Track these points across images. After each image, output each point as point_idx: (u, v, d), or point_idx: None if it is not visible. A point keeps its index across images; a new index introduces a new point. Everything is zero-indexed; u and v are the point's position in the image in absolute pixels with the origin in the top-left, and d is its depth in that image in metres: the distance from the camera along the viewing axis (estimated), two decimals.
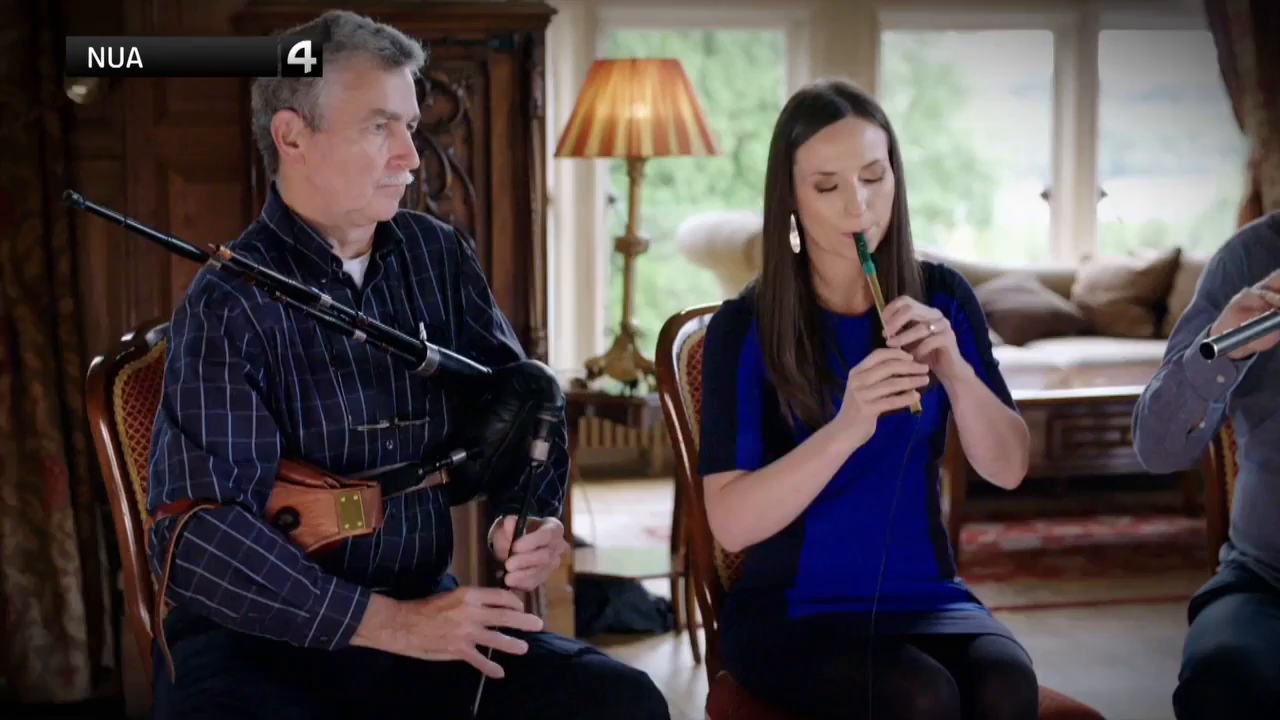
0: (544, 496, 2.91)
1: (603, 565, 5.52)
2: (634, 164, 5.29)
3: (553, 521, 2.84)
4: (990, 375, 2.99)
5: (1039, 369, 7.36)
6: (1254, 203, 8.49)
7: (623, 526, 6.99)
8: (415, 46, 2.80)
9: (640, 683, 2.73)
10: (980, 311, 3.04)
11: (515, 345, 2.98)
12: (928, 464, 3.02)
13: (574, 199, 7.94)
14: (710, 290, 9.34)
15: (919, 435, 2.97)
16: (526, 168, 4.49)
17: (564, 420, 2.95)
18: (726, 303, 3.03)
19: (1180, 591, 6.02)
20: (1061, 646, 5.37)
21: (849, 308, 3.00)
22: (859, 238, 2.86)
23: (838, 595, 2.96)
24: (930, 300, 2.96)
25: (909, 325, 2.80)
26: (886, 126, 2.92)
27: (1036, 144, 9.18)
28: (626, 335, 5.34)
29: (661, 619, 5.55)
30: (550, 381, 2.84)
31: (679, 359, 3.22)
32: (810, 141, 2.89)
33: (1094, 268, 8.12)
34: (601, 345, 8.07)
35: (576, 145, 5.25)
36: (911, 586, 2.99)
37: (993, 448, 2.95)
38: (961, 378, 2.88)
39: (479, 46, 4.42)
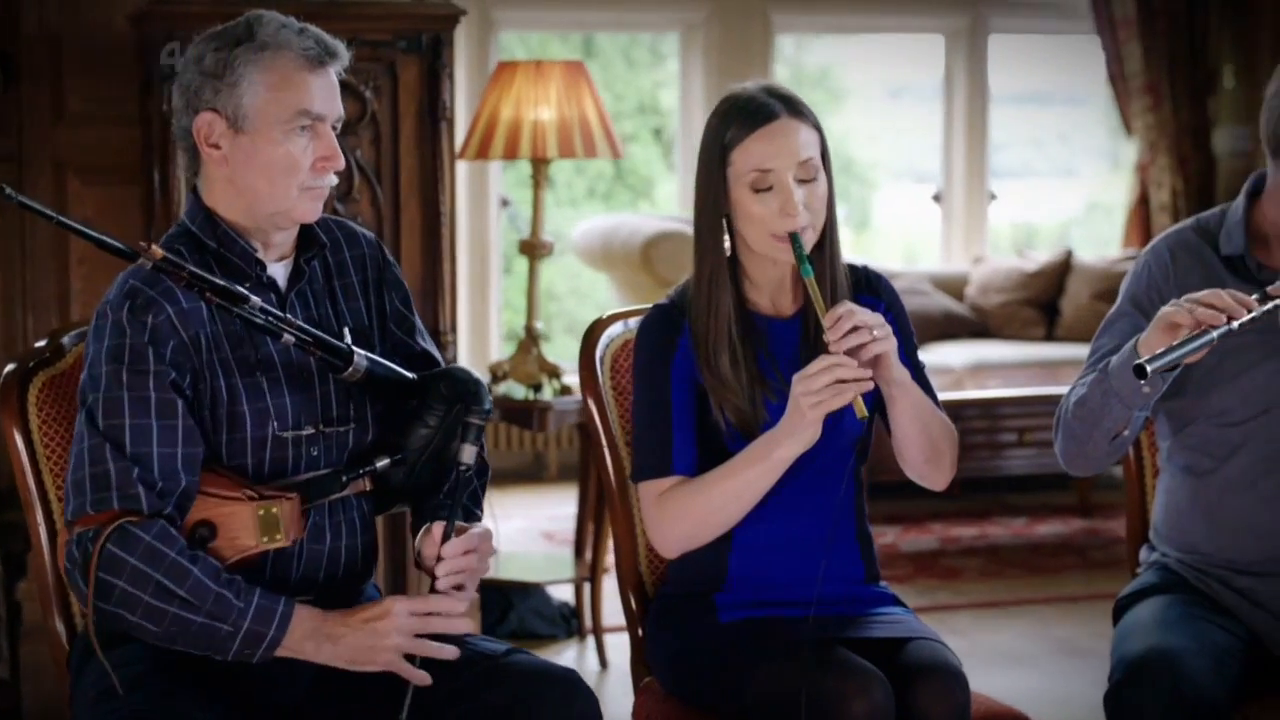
0: (466, 504, 2.87)
1: (505, 571, 5.48)
2: (538, 167, 5.26)
3: (481, 525, 2.81)
4: (919, 378, 2.99)
5: (933, 371, 7.28)
6: (1141, 205, 8.61)
7: (520, 531, 6.95)
8: (340, 46, 2.76)
9: (570, 681, 2.70)
10: (906, 314, 3.04)
11: (436, 352, 2.95)
12: (854, 468, 3.01)
13: (467, 202, 7.89)
14: (593, 293, 9.33)
15: (847, 439, 2.97)
16: (435, 170, 4.44)
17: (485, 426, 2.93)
18: (656, 306, 3.01)
19: (1079, 592, 6.07)
20: (965, 647, 5.38)
21: (778, 310, 2.99)
22: (795, 239, 2.85)
23: (767, 600, 2.95)
24: (856, 302, 2.95)
25: (853, 330, 2.79)
26: (818, 128, 2.92)
27: (914, 145, 9.25)
28: (530, 339, 5.31)
29: (566, 624, 5.52)
30: (478, 385, 2.80)
31: (603, 363, 3.19)
32: (745, 143, 2.87)
33: (986, 270, 8.17)
34: (496, 349, 8.02)
35: (480, 147, 5.21)
36: (840, 590, 2.98)
37: (926, 450, 2.95)
38: (899, 382, 2.88)
39: (386, 48, 4.38)
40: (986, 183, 8.76)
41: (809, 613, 2.88)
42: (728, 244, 2.94)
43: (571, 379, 5.34)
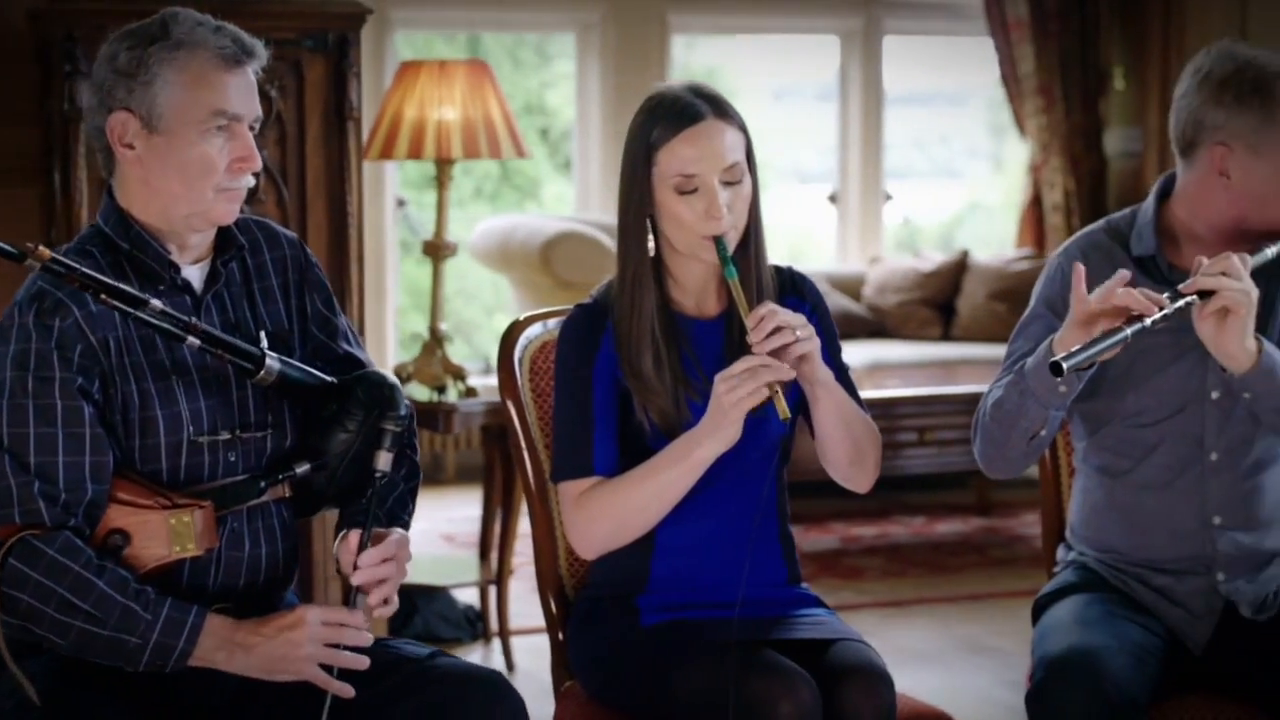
0: (393, 510, 2.84)
1: (410, 574, 5.42)
2: (442, 167, 5.22)
3: (398, 532, 2.78)
4: (843, 379, 2.99)
5: None
6: (1034, 205, 8.68)
7: (420, 533, 6.83)
8: (258, 45, 2.72)
9: (496, 684, 2.69)
10: (829, 316, 3.04)
11: (362, 354, 2.91)
12: (776, 469, 3.01)
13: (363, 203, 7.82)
14: (480, 294, 9.28)
15: (770, 441, 2.96)
16: (342, 170, 4.40)
17: (414, 430, 2.89)
18: (579, 306, 2.99)
19: (981, 590, 6.11)
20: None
21: (701, 311, 2.97)
22: (719, 242, 2.84)
23: (690, 602, 2.93)
24: (781, 303, 2.94)
25: (776, 330, 2.78)
26: (744, 129, 2.90)
27: (805, 146, 9.28)
28: (435, 340, 5.27)
29: (471, 627, 5.49)
30: (393, 390, 2.77)
31: (521, 365, 3.16)
32: (671, 144, 2.85)
33: (882, 270, 8.21)
34: (393, 351, 7.97)
35: (384, 148, 5.17)
36: (763, 592, 2.97)
37: (850, 451, 2.95)
38: (823, 382, 2.88)
39: (292, 46, 4.33)
40: (882, 183, 8.80)
41: (734, 614, 2.88)
42: (651, 244, 2.93)
43: (475, 381, 5.32)
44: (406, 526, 2.86)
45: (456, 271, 9.17)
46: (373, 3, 4.54)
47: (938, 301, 8.02)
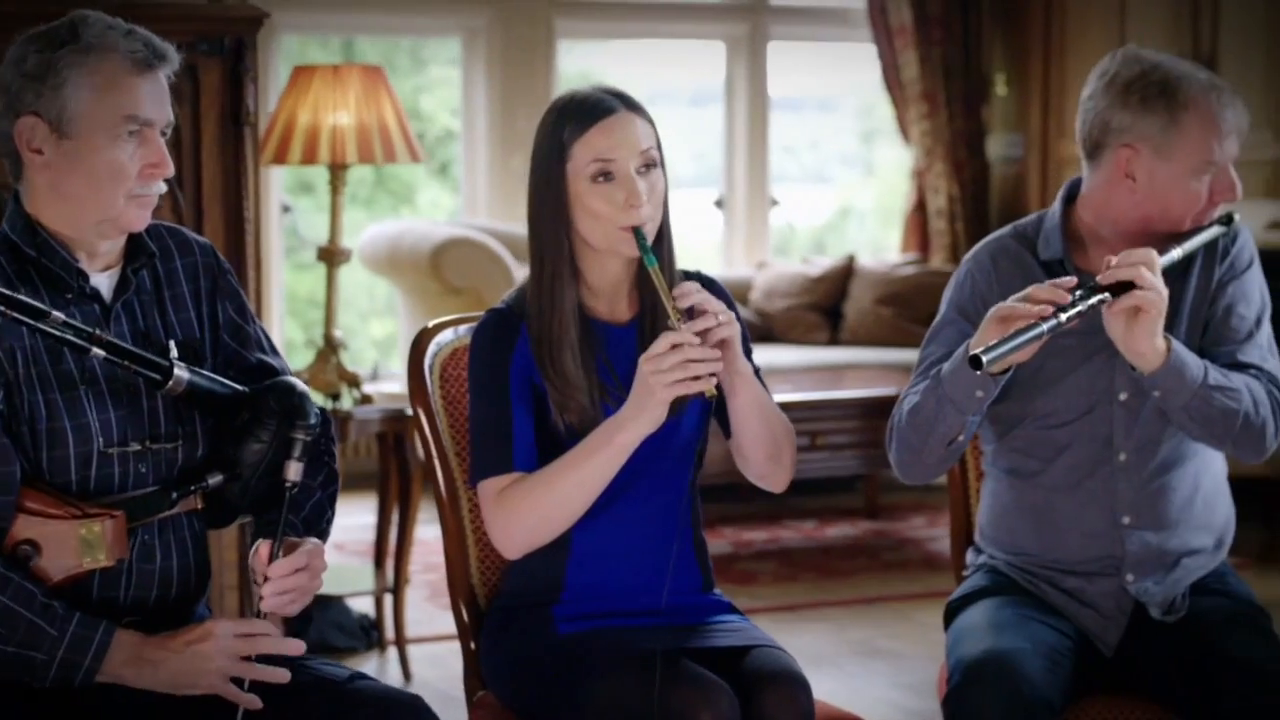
0: (309, 518, 2.80)
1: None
2: (336, 172, 5.18)
3: (311, 542, 2.73)
4: (757, 378, 2.99)
5: None
6: (919, 211, 8.74)
7: None
8: (170, 49, 2.69)
9: (416, 707, 2.67)
10: (743, 319, 3.03)
11: (278, 362, 2.87)
12: (691, 475, 3.00)
13: None
14: (356, 301, 9.21)
15: (684, 445, 2.96)
16: (238, 175, 4.35)
17: (331, 436, 2.86)
18: (492, 310, 2.97)
19: (873, 593, 6.14)
20: None
21: (614, 317, 2.96)
22: (638, 232, 2.83)
23: (606, 610, 2.92)
24: None
25: (699, 314, 2.78)
26: (653, 125, 2.91)
27: (689, 150, 9.29)
28: (330, 347, 5.23)
29: (366, 636, 5.44)
30: (303, 398, 2.74)
31: (431, 371, 3.14)
32: (586, 136, 2.84)
33: (770, 275, 8.24)
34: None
35: (278, 153, 5.12)
36: (678, 599, 2.96)
37: (768, 447, 2.95)
38: (742, 373, 2.88)
39: (187, 50, 4.25)
40: (768, 188, 8.83)
41: (653, 622, 2.87)
42: (566, 245, 2.92)
43: (369, 388, 5.29)
44: (325, 535, 2.82)
45: (323, 279, 9.09)
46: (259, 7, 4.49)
47: (825, 306, 8.06)
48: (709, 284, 3.03)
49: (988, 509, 3.23)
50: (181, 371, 2.64)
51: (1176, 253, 2.99)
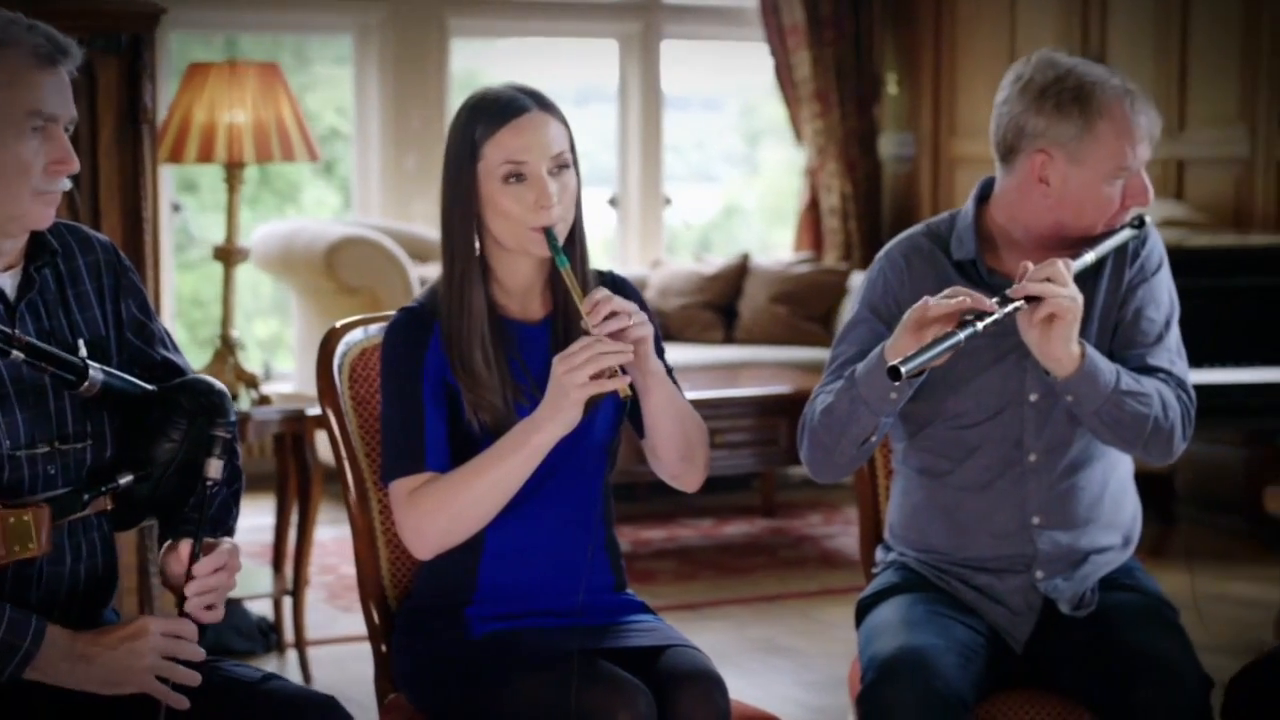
0: (218, 516, 2.77)
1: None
2: (233, 171, 5.12)
3: (229, 541, 2.72)
4: (670, 378, 2.98)
5: None
6: (812, 209, 8.77)
7: None
8: (72, 45, 2.65)
9: (330, 707, 2.65)
10: (655, 320, 3.03)
11: (181, 360, 2.84)
12: (605, 475, 2.99)
13: None
14: (242, 301, 9.10)
15: (598, 445, 2.95)
16: (136, 174, 4.28)
17: (237, 435, 2.83)
18: (404, 309, 2.94)
19: (773, 591, 6.15)
20: None
21: (526, 315, 2.95)
22: (549, 232, 2.82)
23: (520, 611, 2.90)
24: None
25: (611, 315, 2.77)
26: (566, 124, 2.89)
27: (583, 149, 9.29)
28: (227, 348, 5.17)
29: (264, 639, 5.39)
30: (222, 396, 2.71)
31: (340, 371, 3.11)
32: (497, 135, 2.83)
33: (664, 274, 8.24)
34: None
35: (174, 151, 5.06)
36: (592, 600, 2.95)
37: (681, 447, 2.94)
38: (655, 373, 2.88)
39: (83, 47, 4.19)
40: (661, 187, 8.83)
41: (567, 622, 2.86)
42: (477, 244, 2.90)
43: (265, 388, 5.23)
44: (232, 533, 2.80)
45: (213, 277, 9.01)
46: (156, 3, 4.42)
47: (719, 305, 8.07)
48: (621, 284, 3.03)
49: (898, 507, 3.23)
50: (96, 372, 2.60)
51: (1089, 256, 3.00)
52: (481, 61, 9.27)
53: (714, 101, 9.88)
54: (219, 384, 2.73)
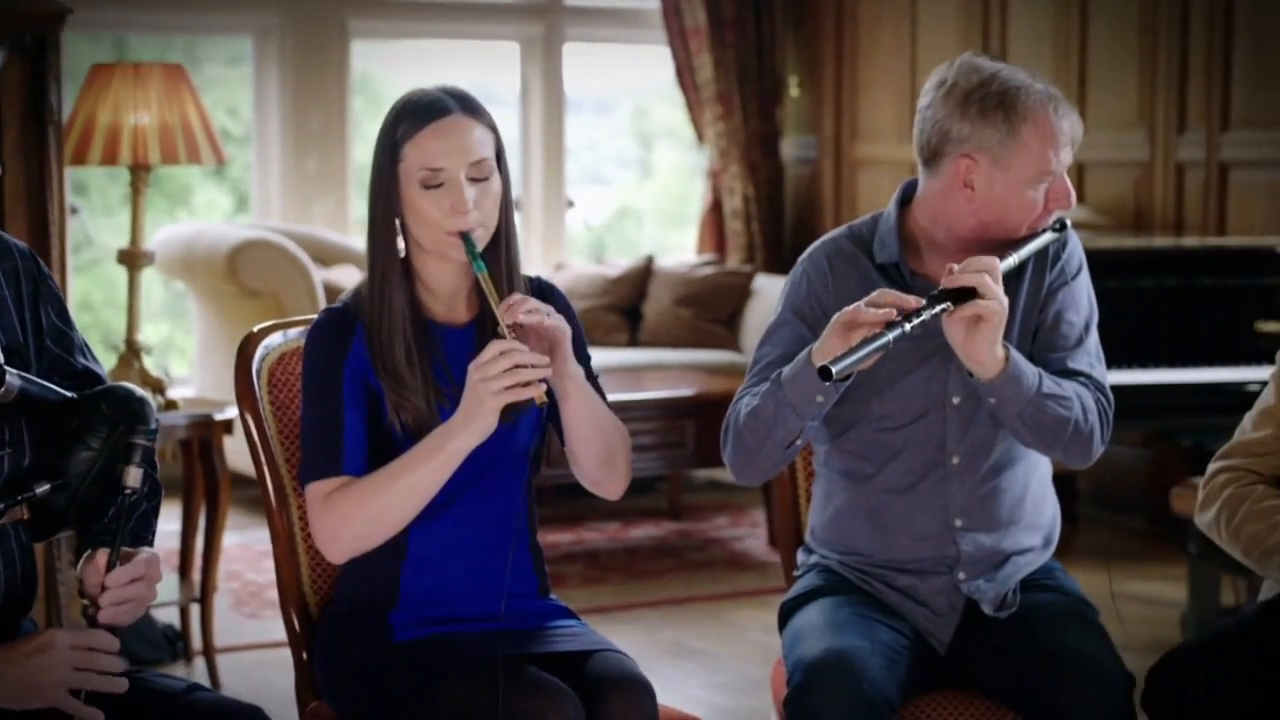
0: (136, 529, 2.72)
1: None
2: (138, 173, 5.05)
3: (148, 551, 2.67)
4: (594, 386, 2.97)
5: None
6: (714, 211, 8.79)
7: None
8: None
9: (257, 716, 2.62)
10: (580, 324, 3.01)
11: (99, 369, 2.80)
12: (527, 480, 2.98)
13: None
14: (142, 304, 9.00)
15: (520, 449, 2.94)
16: (42, 177, 4.22)
17: (154, 446, 2.79)
18: (327, 310, 2.92)
19: (681, 594, 6.15)
20: None
21: (451, 318, 2.93)
22: (467, 239, 2.80)
23: (445, 617, 2.88)
24: None
25: (527, 311, 2.76)
26: (494, 128, 2.87)
27: None
28: (132, 352, 5.11)
29: (170, 646, 5.32)
30: (143, 404, 2.67)
31: (259, 376, 3.07)
32: (417, 138, 2.81)
33: (568, 276, 8.21)
34: None
35: (77, 153, 4.99)
36: (516, 605, 2.93)
37: (601, 453, 2.93)
38: (573, 378, 2.87)
39: None
40: (564, 189, 8.81)
41: (492, 628, 2.84)
42: (402, 245, 2.87)
43: (171, 392, 5.17)
44: (150, 544, 2.75)
45: (104, 280, 8.91)
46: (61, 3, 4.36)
47: (623, 307, 8.06)
48: (549, 290, 3.01)
49: (820, 510, 3.23)
50: (13, 379, 2.56)
51: (1012, 260, 3.02)
52: (382, 64, 9.21)
53: (606, 104, 9.87)
54: (140, 391, 2.69)
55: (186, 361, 8.25)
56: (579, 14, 8.74)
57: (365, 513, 2.81)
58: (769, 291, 7.90)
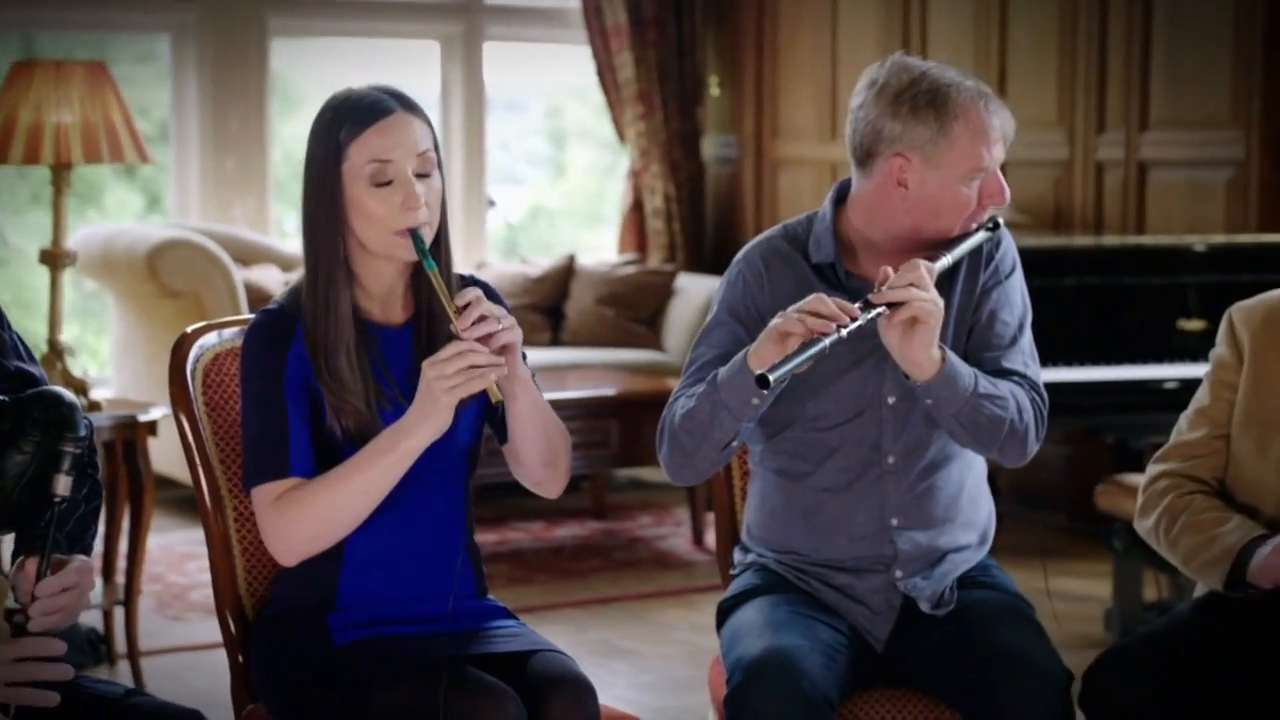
0: (74, 533, 2.70)
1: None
2: (60, 173, 5.00)
3: (79, 559, 2.63)
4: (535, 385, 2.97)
5: None
6: (636, 210, 8.79)
7: None
8: None
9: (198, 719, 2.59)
10: (519, 323, 3.00)
11: (36, 370, 2.76)
12: (466, 480, 2.97)
13: None
14: (40, 304, 8.91)
15: (459, 450, 2.93)
16: None
17: (94, 448, 2.76)
18: (265, 311, 2.89)
19: (608, 593, 6.14)
20: None
21: (388, 319, 2.92)
22: (416, 235, 2.79)
23: (384, 619, 2.87)
24: None
25: (481, 319, 2.74)
26: (431, 126, 2.86)
27: None
28: (55, 353, 5.06)
29: (94, 651, 5.27)
30: (72, 409, 2.63)
31: (194, 377, 3.04)
32: (363, 137, 2.79)
33: (489, 275, 8.18)
34: None
35: None
36: (456, 605, 2.92)
37: (544, 453, 2.93)
38: (521, 378, 2.86)
39: None
40: (485, 188, 8.79)
41: (431, 629, 2.83)
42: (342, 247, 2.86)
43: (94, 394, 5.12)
44: (89, 550, 2.72)
45: (12, 280, 8.81)
46: None
47: (545, 307, 8.05)
48: (485, 289, 3.00)
49: (756, 509, 3.24)
50: None
51: (946, 259, 3.03)
52: (302, 62, 9.14)
53: (518, 103, 9.84)
54: (69, 395, 2.65)
55: (97, 362, 8.18)
56: (499, 13, 8.72)
57: (318, 514, 2.79)
58: (691, 291, 7.91)
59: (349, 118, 2.81)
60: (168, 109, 8.24)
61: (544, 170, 10.26)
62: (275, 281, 7.35)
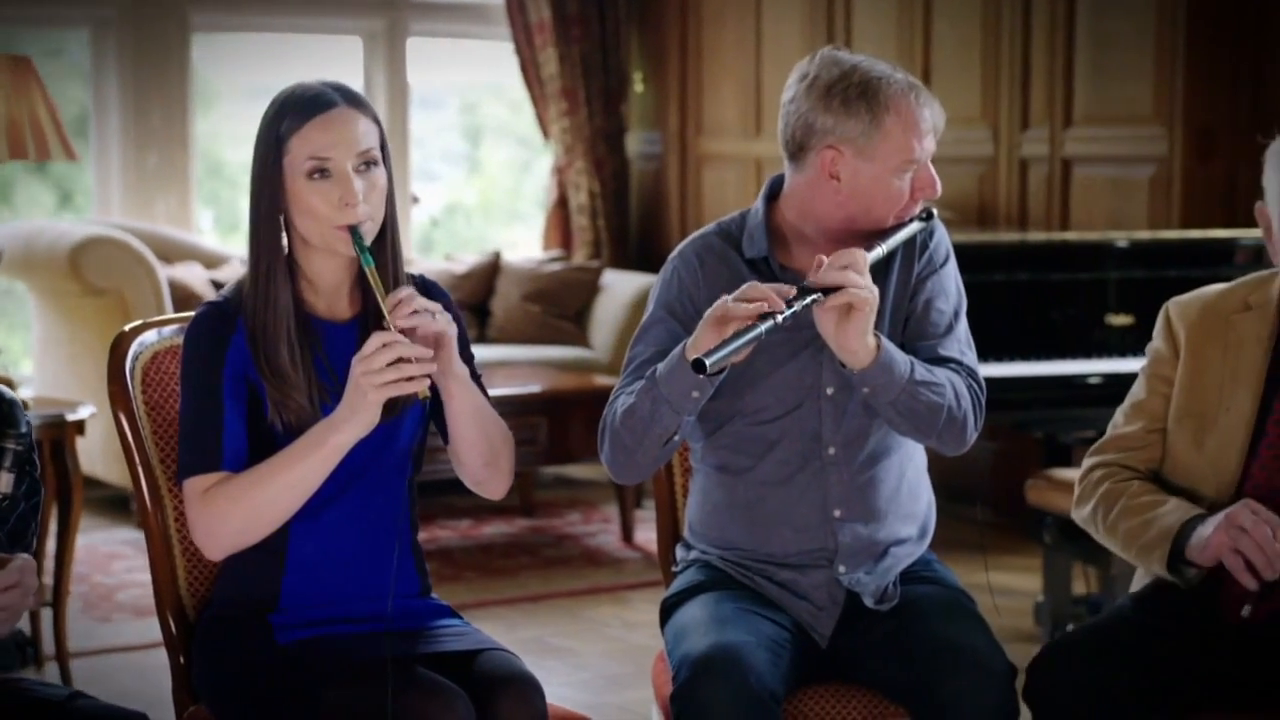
0: (15, 530, 2.68)
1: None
2: None
3: (22, 557, 2.62)
4: (477, 384, 2.95)
5: None
6: (560, 207, 8.79)
7: None
8: None
9: None
10: (463, 322, 3.00)
11: None
12: (409, 479, 2.96)
13: None
14: None
15: (402, 449, 2.91)
16: None
17: (33, 446, 2.73)
18: (208, 304, 2.88)
19: (540, 591, 6.13)
20: None
21: (333, 314, 2.90)
22: (355, 232, 2.78)
23: (327, 618, 2.85)
24: None
25: (413, 312, 2.74)
26: (378, 122, 2.85)
27: None
28: None
29: (20, 653, 5.21)
30: (12, 405, 2.63)
31: (133, 375, 3.01)
32: (303, 130, 2.78)
33: (415, 272, 8.15)
34: None
35: None
36: (399, 604, 2.91)
37: (485, 452, 2.92)
38: (458, 376, 2.85)
39: None
40: (409, 186, 8.75)
41: (376, 628, 2.81)
42: (285, 241, 2.84)
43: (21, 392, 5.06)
44: (30, 548, 2.70)
45: None
46: None
47: (472, 304, 8.03)
48: (430, 287, 3.00)
49: (697, 505, 3.24)
50: None
51: (880, 250, 3.04)
52: (223, 59, 9.07)
53: (433, 100, 9.80)
54: (10, 392, 2.64)
55: (10, 360, 8.09)
56: (422, 8, 8.69)
57: (245, 508, 2.77)
58: (617, 287, 7.91)
59: (291, 111, 2.80)
60: (87, 105, 8.16)
61: (459, 167, 10.22)
62: (199, 279, 7.29)
